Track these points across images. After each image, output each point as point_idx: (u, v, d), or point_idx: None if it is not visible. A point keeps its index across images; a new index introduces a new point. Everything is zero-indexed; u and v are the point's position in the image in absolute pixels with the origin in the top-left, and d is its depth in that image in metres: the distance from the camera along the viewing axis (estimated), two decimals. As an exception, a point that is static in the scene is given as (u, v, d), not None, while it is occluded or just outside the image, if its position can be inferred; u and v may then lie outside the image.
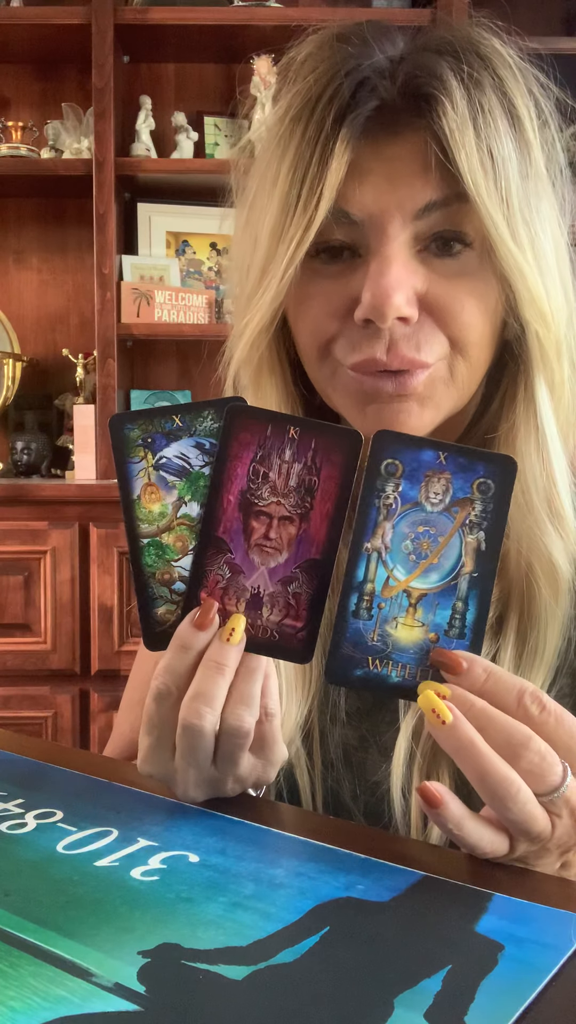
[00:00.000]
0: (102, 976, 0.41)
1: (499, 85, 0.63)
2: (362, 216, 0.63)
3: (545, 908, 0.47)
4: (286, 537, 0.55)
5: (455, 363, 0.65)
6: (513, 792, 0.50)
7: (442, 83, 0.61)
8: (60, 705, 2.16)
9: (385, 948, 0.43)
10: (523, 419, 0.67)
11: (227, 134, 2.60)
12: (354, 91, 0.62)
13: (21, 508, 2.17)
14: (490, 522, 0.53)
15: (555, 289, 0.65)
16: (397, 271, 0.62)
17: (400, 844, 0.59)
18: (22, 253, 2.62)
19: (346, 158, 0.62)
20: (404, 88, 0.62)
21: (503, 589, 0.68)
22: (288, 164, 0.63)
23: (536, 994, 0.40)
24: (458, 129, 0.60)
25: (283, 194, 0.63)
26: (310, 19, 0.70)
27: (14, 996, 0.39)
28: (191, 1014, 0.38)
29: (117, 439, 0.56)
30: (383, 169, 0.63)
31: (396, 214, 0.62)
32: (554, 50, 0.68)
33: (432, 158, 0.61)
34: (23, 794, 0.61)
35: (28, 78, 2.60)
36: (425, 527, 0.54)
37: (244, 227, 0.69)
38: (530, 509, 0.66)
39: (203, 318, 2.45)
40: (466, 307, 0.64)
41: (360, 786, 0.72)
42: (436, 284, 0.63)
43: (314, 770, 0.72)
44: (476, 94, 0.62)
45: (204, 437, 0.56)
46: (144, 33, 2.38)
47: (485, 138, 0.61)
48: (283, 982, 0.40)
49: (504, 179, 0.61)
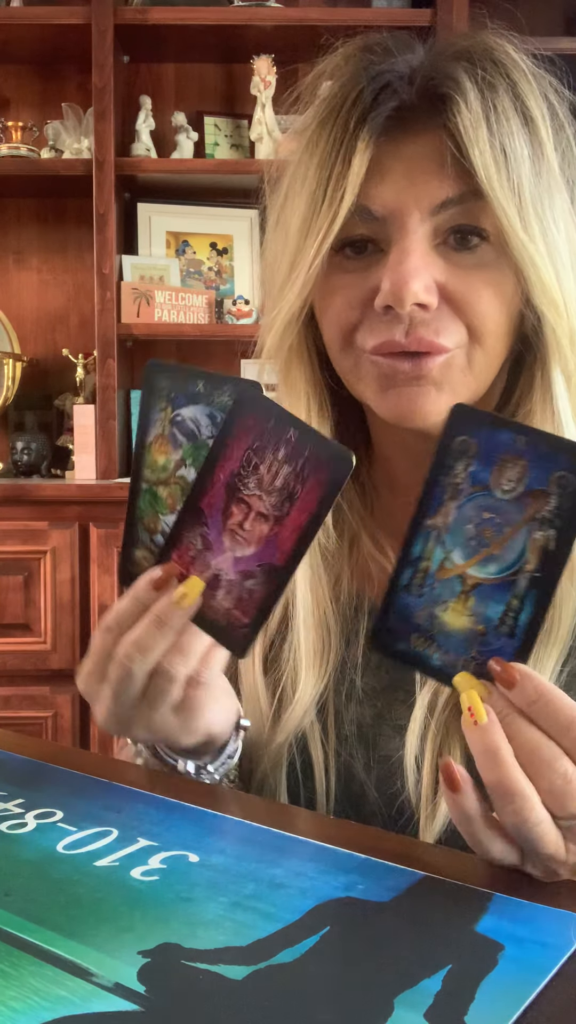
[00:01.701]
0: (102, 976, 0.41)
1: (512, 88, 0.66)
2: (383, 212, 0.67)
3: (545, 908, 0.47)
4: (257, 533, 0.55)
5: (473, 352, 0.68)
6: (527, 809, 0.48)
7: (457, 84, 0.65)
8: (60, 705, 2.16)
9: (385, 948, 0.43)
10: (539, 407, 0.70)
11: (227, 134, 2.59)
12: (376, 95, 0.66)
13: (21, 508, 2.17)
14: (564, 520, 0.48)
15: (568, 280, 0.67)
16: (415, 260, 0.65)
17: (400, 844, 0.59)
18: (22, 253, 2.62)
19: (367, 156, 0.65)
20: (421, 89, 0.66)
21: None
22: (315, 164, 0.67)
23: (536, 994, 0.40)
24: (472, 127, 0.64)
25: (310, 192, 0.67)
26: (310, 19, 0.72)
27: (14, 996, 0.39)
28: (191, 1014, 0.38)
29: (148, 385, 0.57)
30: (402, 167, 0.66)
31: (415, 210, 0.66)
32: (555, 50, 0.70)
33: (448, 156, 0.65)
34: (23, 794, 0.61)
35: (28, 78, 2.60)
36: (492, 514, 0.50)
37: (276, 226, 0.73)
38: None
39: (203, 318, 2.45)
40: (483, 297, 0.67)
41: (374, 759, 0.73)
42: (454, 275, 0.66)
43: (328, 744, 0.74)
44: (489, 95, 0.65)
45: (218, 410, 0.56)
46: (144, 33, 2.38)
47: (498, 136, 0.64)
48: (283, 982, 0.40)
49: (516, 175, 0.64)
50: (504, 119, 0.65)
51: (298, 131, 0.71)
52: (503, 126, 0.65)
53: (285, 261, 0.70)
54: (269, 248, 0.74)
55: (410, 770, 0.70)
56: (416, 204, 0.66)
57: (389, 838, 0.60)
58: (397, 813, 0.71)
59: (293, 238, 0.69)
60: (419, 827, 0.69)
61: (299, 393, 0.74)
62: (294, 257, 0.69)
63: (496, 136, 0.64)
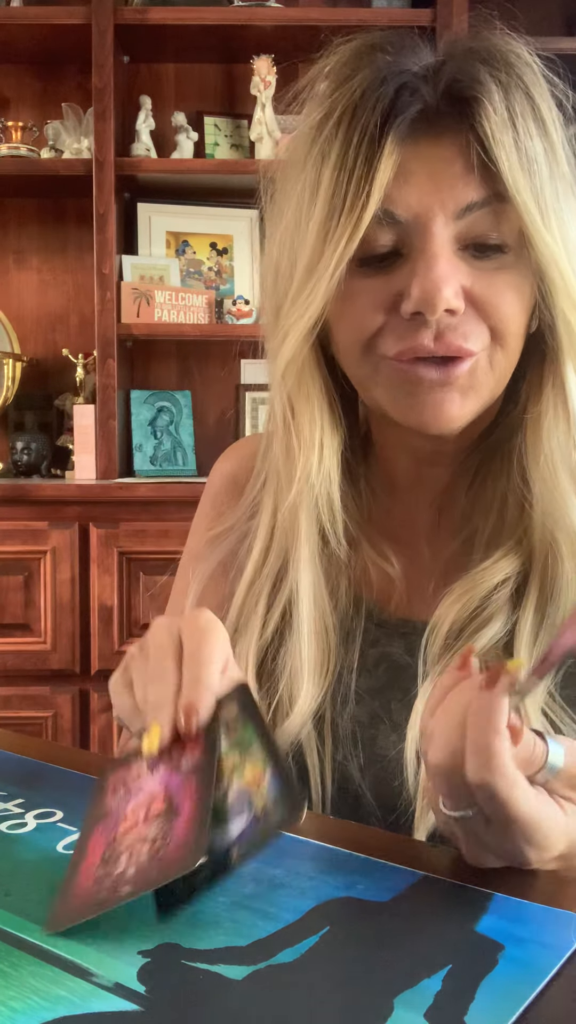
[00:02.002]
0: (102, 976, 0.41)
1: (526, 89, 0.66)
2: (407, 216, 0.66)
3: (545, 908, 0.47)
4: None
5: (495, 353, 0.68)
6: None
7: (483, 86, 0.65)
8: (60, 705, 2.16)
9: (385, 948, 0.43)
10: (551, 403, 0.70)
11: (227, 134, 2.60)
12: (396, 95, 0.65)
13: (21, 508, 2.16)
14: None
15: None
16: (444, 266, 0.65)
17: (400, 844, 0.59)
18: (22, 253, 2.62)
19: (393, 160, 0.64)
20: (447, 92, 0.66)
21: (525, 560, 0.71)
22: (332, 167, 0.66)
23: (536, 994, 0.40)
24: (499, 131, 0.64)
25: (328, 196, 0.66)
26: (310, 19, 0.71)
27: (14, 996, 0.39)
28: (191, 1014, 0.38)
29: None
30: (426, 170, 0.65)
31: (439, 213, 0.65)
32: (555, 50, 0.70)
33: (474, 159, 0.64)
34: (23, 794, 0.61)
35: (28, 78, 2.60)
36: None
37: (283, 231, 0.71)
38: (556, 485, 0.69)
39: (203, 318, 2.45)
40: (506, 300, 0.67)
41: (369, 759, 0.73)
42: (478, 279, 0.66)
43: (324, 750, 0.74)
44: (509, 98, 0.65)
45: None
46: (144, 33, 2.38)
47: (521, 139, 0.64)
48: (283, 982, 0.40)
49: (538, 178, 0.65)
50: (523, 121, 0.65)
51: (304, 131, 0.69)
52: (523, 129, 0.65)
53: (301, 268, 0.68)
54: (275, 251, 0.72)
55: (411, 764, 0.70)
56: (441, 208, 0.65)
57: (389, 838, 0.60)
58: (393, 810, 0.71)
59: (310, 244, 0.67)
60: (414, 819, 0.69)
61: (313, 402, 0.73)
62: (311, 264, 0.67)
63: (518, 139, 0.64)
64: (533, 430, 0.70)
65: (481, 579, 0.71)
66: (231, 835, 0.44)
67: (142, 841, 0.46)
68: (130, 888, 0.43)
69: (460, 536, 0.75)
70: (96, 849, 0.48)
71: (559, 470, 0.69)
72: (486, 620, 0.70)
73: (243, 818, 0.45)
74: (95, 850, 0.48)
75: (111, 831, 0.49)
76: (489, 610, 0.71)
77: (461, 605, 0.71)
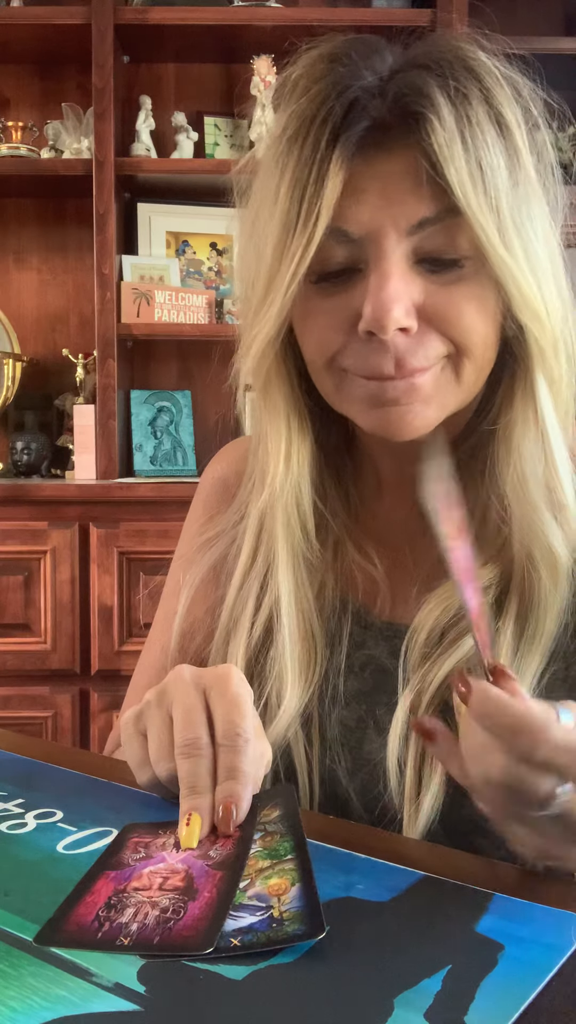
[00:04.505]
0: (102, 976, 0.41)
1: (486, 96, 0.64)
2: (360, 233, 0.65)
3: (545, 908, 0.47)
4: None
5: (461, 364, 0.68)
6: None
7: (429, 100, 0.63)
8: (60, 705, 2.16)
9: (385, 948, 0.43)
10: (521, 413, 0.69)
11: (227, 134, 2.60)
12: (346, 111, 0.64)
13: (21, 508, 2.16)
14: None
15: (549, 290, 0.67)
16: (395, 284, 0.64)
17: (400, 844, 0.59)
18: (22, 253, 2.62)
19: (340, 178, 0.64)
20: (393, 106, 0.64)
21: (504, 571, 0.71)
22: (287, 183, 0.65)
23: (536, 994, 0.40)
24: (446, 145, 0.62)
25: (284, 212, 0.66)
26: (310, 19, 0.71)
27: (14, 996, 0.39)
28: (191, 1014, 0.38)
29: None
30: (377, 186, 0.65)
31: (391, 230, 0.65)
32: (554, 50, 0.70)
33: (423, 174, 0.63)
34: (23, 794, 0.61)
35: (28, 78, 2.60)
36: None
37: (248, 238, 0.71)
38: (528, 499, 0.69)
39: (203, 318, 2.45)
40: (465, 312, 0.66)
41: (356, 762, 0.73)
42: (434, 294, 0.66)
43: (312, 750, 0.74)
44: (463, 107, 0.63)
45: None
46: (144, 33, 2.38)
47: (474, 150, 0.63)
48: (283, 982, 0.40)
49: (494, 189, 0.63)
50: (479, 131, 0.63)
51: (269, 143, 0.69)
52: (479, 139, 0.63)
53: (260, 281, 0.68)
54: (242, 261, 0.73)
55: (392, 772, 0.70)
56: (393, 224, 0.64)
57: (388, 838, 0.60)
58: (380, 815, 0.71)
59: (268, 258, 0.67)
60: (402, 827, 0.69)
61: (279, 412, 0.73)
62: (269, 279, 0.67)
63: (472, 151, 0.62)
64: (504, 438, 0.70)
65: None
66: (239, 924, 0.44)
67: (153, 906, 0.46)
68: (129, 943, 0.43)
69: None
70: (103, 890, 0.48)
71: (528, 481, 0.69)
72: (468, 627, 0.70)
73: (257, 914, 0.45)
74: (101, 890, 0.48)
75: (122, 882, 0.49)
76: None
77: (440, 611, 0.71)
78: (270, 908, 0.45)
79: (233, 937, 0.43)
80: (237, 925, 0.44)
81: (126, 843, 0.53)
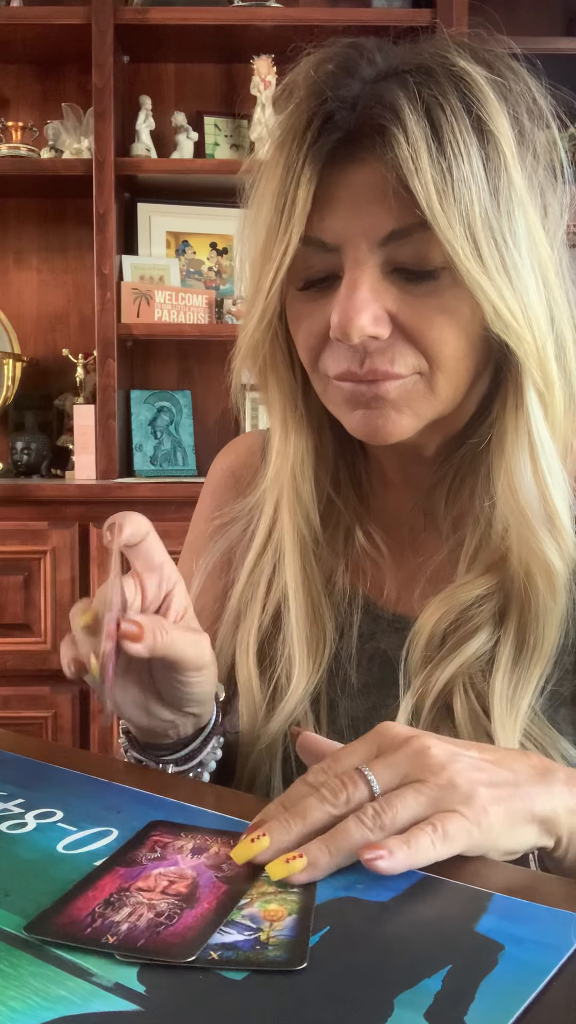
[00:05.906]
0: (102, 976, 0.41)
1: (467, 104, 0.63)
2: (334, 242, 0.66)
3: (545, 908, 0.47)
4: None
5: (434, 377, 0.68)
6: None
7: (395, 113, 0.62)
8: (60, 705, 2.16)
9: (385, 948, 0.43)
10: (512, 424, 0.69)
11: (227, 134, 2.60)
12: (324, 122, 0.65)
13: (21, 508, 2.16)
14: None
15: (531, 299, 0.65)
16: (363, 294, 0.65)
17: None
18: (22, 253, 2.62)
19: (310, 189, 0.65)
20: (361, 119, 0.64)
21: (504, 582, 0.71)
22: (272, 191, 0.67)
23: (536, 994, 0.40)
24: (411, 158, 0.61)
25: (267, 219, 0.67)
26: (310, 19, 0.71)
27: (14, 996, 0.39)
28: (191, 1014, 0.38)
29: None
30: (349, 196, 0.65)
31: (363, 240, 0.65)
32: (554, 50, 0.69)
33: (390, 188, 0.63)
34: (23, 794, 0.61)
35: (28, 78, 2.60)
36: None
37: (245, 240, 0.73)
38: (521, 512, 0.68)
39: (203, 318, 2.45)
40: (435, 325, 0.66)
41: None
42: (406, 304, 0.66)
43: (321, 733, 0.73)
44: (437, 117, 0.62)
45: None
46: (144, 33, 2.38)
47: (442, 161, 0.61)
48: (283, 982, 0.40)
49: (466, 200, 0.62)
50: (453, 140, 0.61)
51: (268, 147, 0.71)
52: (451, 149, 0.61)
53: (251, 285, 0.71)
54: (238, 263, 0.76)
55: None
56: (364, 235, 0.65)
57: (389, 838, 0.60)
58: None
59: (257, 262, 0.69)
60: None
61: (274, 407, 0.77)
62: (258, 282, 0.69)
63: (439, 163, 0.61)
64: (498, 447, 0.70)
65: (462, 591, 0.72)
66: (223, 939, 0.44)
67: (149, 908, 0.46)
68: (114, 942, 0.43)
69: (448, 544, 0.76)
70: (107, 886, 0.48)
71: (519, 491, 0.68)
72: (469, 633, 0.71)
73: (245, 933, 0.45)
74: (106, 886, 0.48)
75: (128, 880, 0.49)
76: (473, 623, 0.71)
77: (440, 615, 0.72)
78: (259, 931, 0.45)
79: (214, 951, 0.43)
80: (222, 940, 0.44)
81: (146, 840, 0.54)
